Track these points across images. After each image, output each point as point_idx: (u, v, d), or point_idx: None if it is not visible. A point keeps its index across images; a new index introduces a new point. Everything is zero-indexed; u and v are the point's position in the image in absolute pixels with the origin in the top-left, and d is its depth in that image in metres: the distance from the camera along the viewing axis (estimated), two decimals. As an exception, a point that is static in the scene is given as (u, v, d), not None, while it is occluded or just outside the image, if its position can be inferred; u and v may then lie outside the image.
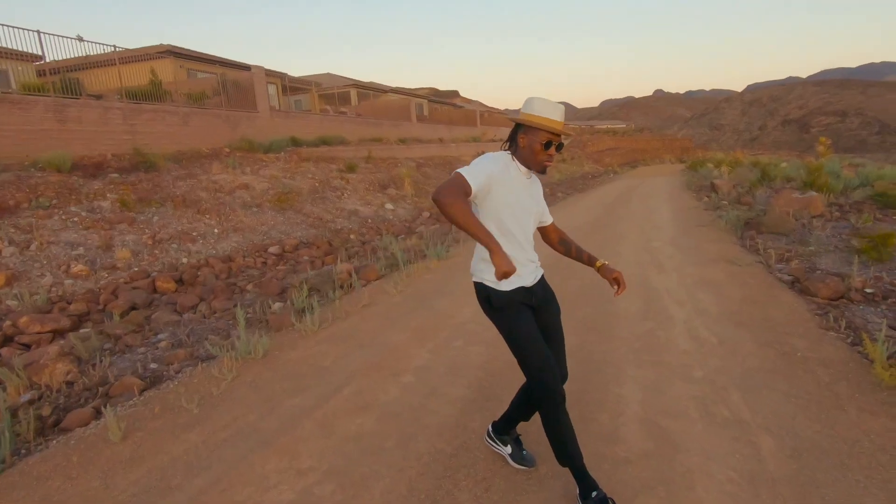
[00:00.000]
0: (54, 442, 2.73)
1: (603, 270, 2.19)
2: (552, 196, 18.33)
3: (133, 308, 6.28)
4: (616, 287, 2.15)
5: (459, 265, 6.69)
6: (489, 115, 45.29)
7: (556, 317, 2.16)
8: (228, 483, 2.25)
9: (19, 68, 12.37)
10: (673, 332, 3.72)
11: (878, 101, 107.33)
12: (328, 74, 35.28)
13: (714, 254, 6.32)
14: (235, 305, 5.78)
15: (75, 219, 8.49)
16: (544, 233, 2.31)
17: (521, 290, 2.03)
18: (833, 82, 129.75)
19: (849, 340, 3.36)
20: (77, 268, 6.99)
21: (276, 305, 5.26)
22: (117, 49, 13.25)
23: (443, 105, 43.81)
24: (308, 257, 9.14)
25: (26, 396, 3.29)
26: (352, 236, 11.27)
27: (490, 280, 2.02)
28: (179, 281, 7.38)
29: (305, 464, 2.36)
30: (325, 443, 2.52)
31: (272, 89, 25.50)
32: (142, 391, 3.32)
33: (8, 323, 5.33)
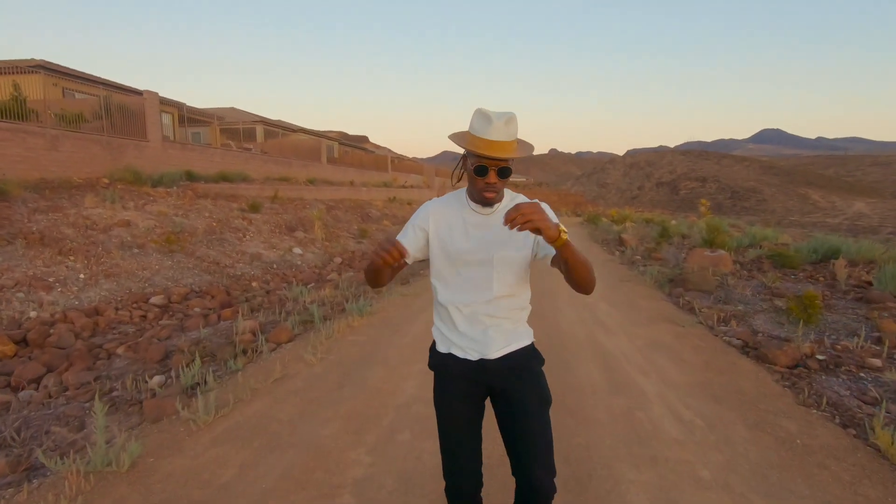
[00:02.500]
0: None
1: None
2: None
3: (-57, 382, 4.65)
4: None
5: (388, 322, 5.89)
6: (399, 162, 45.52)
7: (527, 403, 1.59)
8: None
9: None
10: (654, 413, 3.24)
11: (729, 171, 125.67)
12: (232, 109, 33.36)
13: (652, 312, 6.18)
14: (97, 379, 4.44)
15: None
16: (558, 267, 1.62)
17: (464, 363, 1.61)
18: (694, 152, 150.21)
19: (837, 421, 3.11)
20: None
21: (156, 380, 4.05)
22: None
23: (354, 149, 43.32)
24: (200, 309, 7.76)
25: None
26: (254, 284, 9.95)
27: (438, 342, 1.69)
28: (23, 342, 5.75)
29: None
30: None
31: (167, 118, 23.33)
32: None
33: None
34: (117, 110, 15.64)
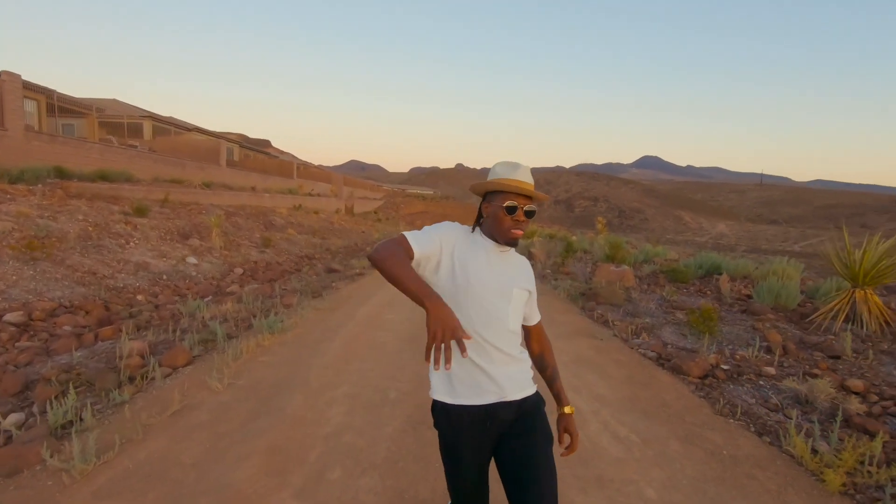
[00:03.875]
0: None
1: (564, 419, 1.72)
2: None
3: None
4: (567, 443, 1.70)
5: (304, 340, 5.42)
6: (305, 169, 43.82)
7: (538, 448, 1.52)
8: None
9: None
10: (591, 430, 3.22)
11: (617, 192, 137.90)
12: (114, 101, 29.95)
13: (571, 326, 6.34)
14: (-72, 420, 3.51)
15: None
16: (529, 332, 1.78)
17: (476, 411, 1.53)
18: (587, 174, 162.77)
19: (752, 430, 3.31)
20: None
21: (12, 418, 3.27)
22: None
23: (256, 153, 40.96)
24: (72, 328, 6.68)
25: None
26: (140, 297, 8.82)
27: (440, 394, 1.57)
28: None
29: None
30: None
31: (32, 106, 20.35)
32: None
33: None
34: (-34, 92, 13.34)
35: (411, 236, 1.50)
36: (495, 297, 1.55)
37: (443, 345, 1.25)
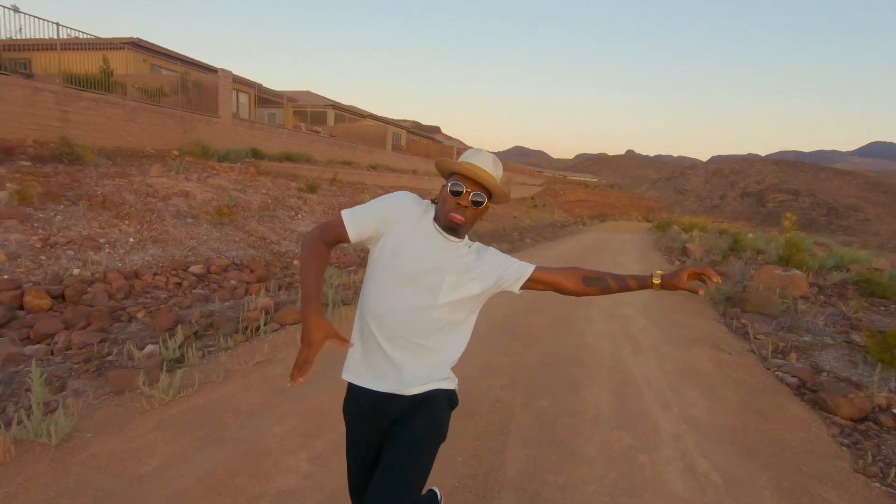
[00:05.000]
0: None
1: (669, 282, 1.49)
2: (520, 241, 17.60)
3: (-24, 328, 4.90)
4: (705, 282, 1.48)
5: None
6: (467, 153, 45.18)
7: (406, 440, 1.36)
8: None
9: None
10: (660, 457, 2.69)
11: (828, 186, 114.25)
12: (308, 92, 34.41)
13: (696, 332, 5.43)
14: (103, 341, 4.48)
15: (-51, 208, 7.02)
16: (557, 286, 1.54)
17: (375, 396, 1.42)
18: (788, 162, 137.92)
19: (903, 501, 2.42)
20: (-81, 269, 5.54)
21: (147, 349, 3.99)
22: (60, 25, 11.94)
23: (422, 138, 43.53)
24: (236, 282, 7.87)
25: None
26: (296, 262, 10.04)
27: (348, 373, 1.50)
28: (60, 297, 6.00)
29: None
30: None
31: (244, 98, 24.38)
32: None
33: None
34: (194, 87, 16.46)
35: (350, 218, 1.43)
36: (421, 281, 1.40)
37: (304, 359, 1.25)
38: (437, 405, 1.44)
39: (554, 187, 63.06)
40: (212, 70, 18.22)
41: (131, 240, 8.44)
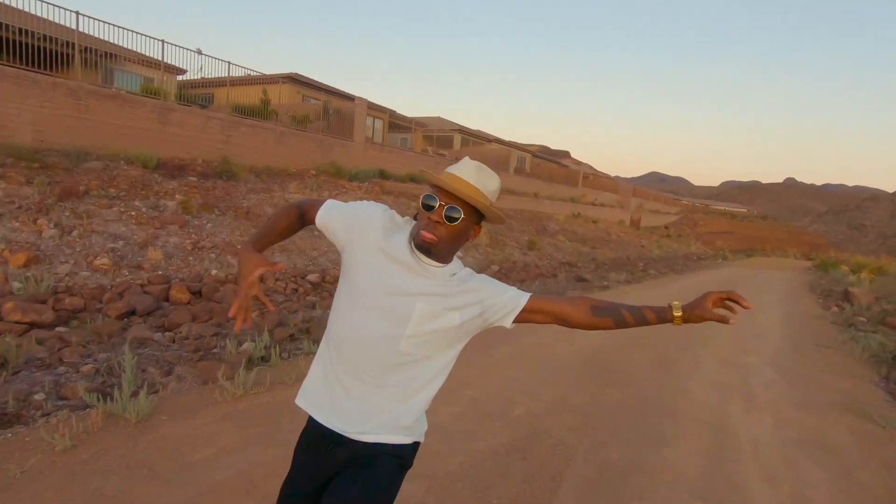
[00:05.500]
0: None
1: (691, 313, 1.26)
2: (642, 271, 16.32)
3: (132, 313, 5.82)
4: (734, 309, 1.25)
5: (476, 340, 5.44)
6: (594, 178, 43.58)
7: (346, 492, 1.18)
8: None
9: (164, 78, 13.45)
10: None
11: None
12: (438, 118, 36.18)
13: (839, 395, 4.45)
14: (215, 335, 5.03)
15: (132, 213, 8.52)
16: (560, 317, 1.30)
17: (319, 429, 1.26)
18: None
19: None
20: (101, 261, 6.78)
21: (245, 346, 4.38)
22: (231, 64, 14.10)
23: (547, 162, 43.01)
24: (344, 292, 8.40)
25: None
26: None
27: (301, 394, 1.39)
28: (198, 293, 6.90)
29: None
30: None
31: (379, 124, 26.36)
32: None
33: (-6, 306, 5.01)
34: (334, 114, 18.22)
35: (328, 204, 1.35)
36: (386, 306, 1.22)
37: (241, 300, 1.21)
38: (379, 470, 1.22)
39: (693, 216, 57.95)
40: (350, 98, 20.08)
41: (263, 247, 9.47)
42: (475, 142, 31.43)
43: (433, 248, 1.21)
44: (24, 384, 3.34)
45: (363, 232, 1.27)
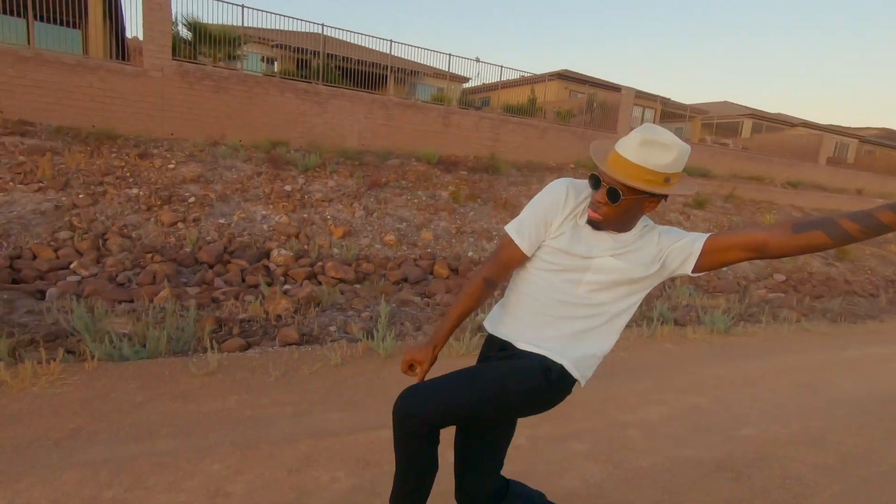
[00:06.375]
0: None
1: None
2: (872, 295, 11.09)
3: (405, 280, 7.17)
4: None
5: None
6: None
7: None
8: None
9: (450, 86, 15.91)
10: None
11: None
12: (725, 103, 31.58)
13: None
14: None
15: (415, 201, 10.35)
16: (755, 247, 1.17)
17: (495, 340, 1.44)
18: None
19: None
20: (388, 237, 8.51)
21: (479, 317, 4.94)
22: (504, 68, 15.41)
23: (886, 149, 32.72)
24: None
25: (241, 315, 4.13)
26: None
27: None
28: (455, 271, 7.97)
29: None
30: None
31: (649, 114, 24.71)
32: (295, 344, 3.62)
33: (320, 264, 6.92)
34: (598, 107, 17.98)
35: (517, 232, 1.36)
36: (570, 266, 1.29)
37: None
38: (528, 359, 1.29)
39: None
40: (617, 89, 19.38)
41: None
42: (770, 126, 26.34)
43: (601, 225, 1.26)
44: (326, 319, 4.59)
45: (556, 218, 1.35)
